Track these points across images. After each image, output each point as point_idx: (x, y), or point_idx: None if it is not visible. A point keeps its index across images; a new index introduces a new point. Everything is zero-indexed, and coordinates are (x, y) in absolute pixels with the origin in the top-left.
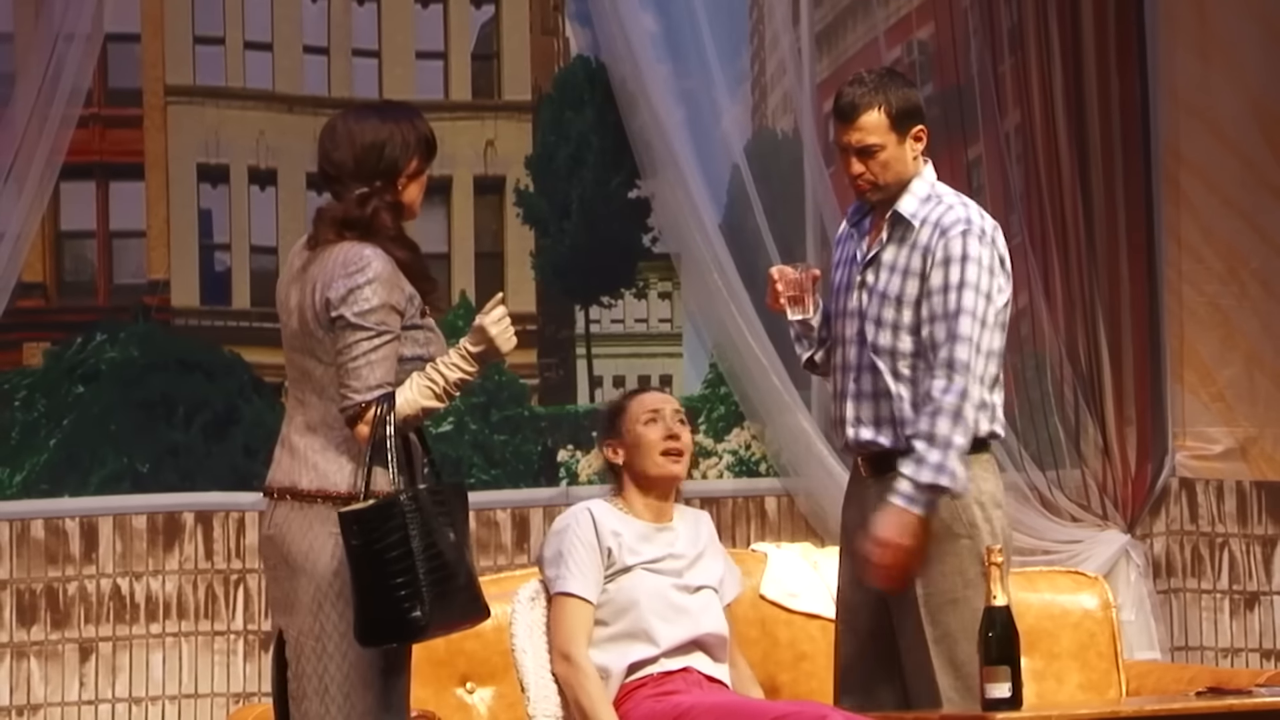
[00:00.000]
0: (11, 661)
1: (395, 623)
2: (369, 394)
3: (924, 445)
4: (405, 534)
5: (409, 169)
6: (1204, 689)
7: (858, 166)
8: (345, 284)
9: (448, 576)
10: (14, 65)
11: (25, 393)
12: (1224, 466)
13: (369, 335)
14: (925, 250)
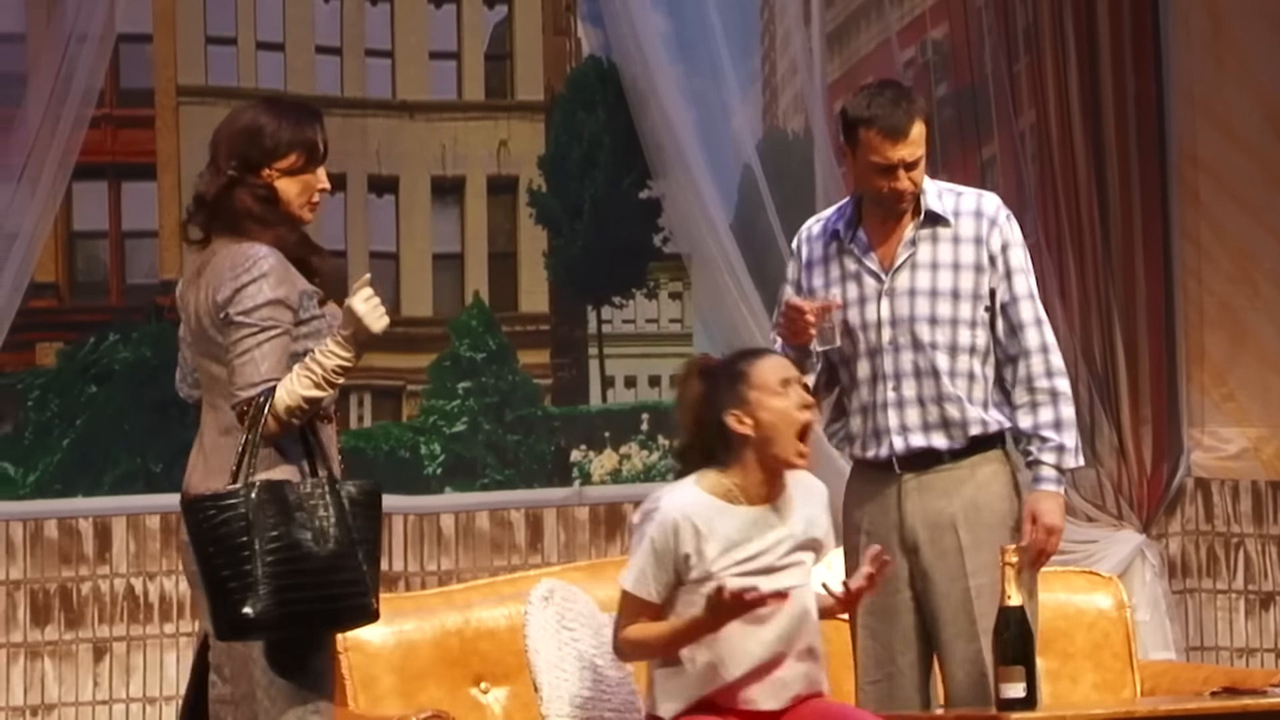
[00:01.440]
0: (26, 661)
1: (228, 614)
2: (251, 390)
3: (1055, 432)
4: (245, 525)
5: (281, 163)
6: (1219, 689)
7: (905, 181)
8: (232, 285)
9: (306, 574)
10: (26, 66)
11: (38, 393)
12: (1239, 466)
13: (253, 331)
14: (975, 239)
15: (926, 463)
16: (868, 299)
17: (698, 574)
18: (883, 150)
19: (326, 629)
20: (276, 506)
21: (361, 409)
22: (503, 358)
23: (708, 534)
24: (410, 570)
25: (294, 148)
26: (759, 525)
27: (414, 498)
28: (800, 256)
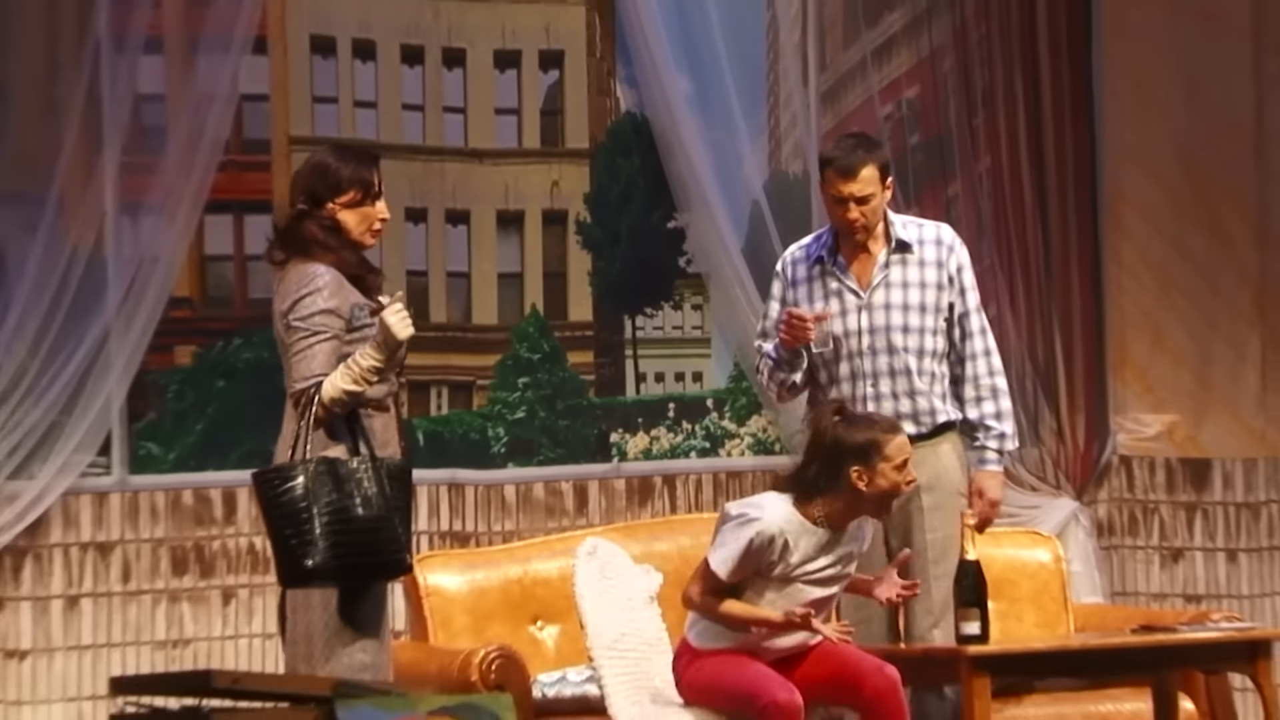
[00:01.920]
0: (168, 604)
1: (293, 566)
2: (304, 383)
3: (996, 421)
4: (305, 494)
5: (342, 198)
6: (1138, 626)
7: (854, 213)
8: (294, 296)
9: (354, 533)
10: (167, 121)
11: (177, 387)
12: (1155, 446)
13: (307, 334)
14: (937, 263)
15: None
16: (848, 312)
17: (777, 574)
18: (836, 185)
19: (370, 579)
20: (330, 478)
21: (440, 399)
22: (555, 358)
23: (793, 547)
24: (480, 531)
25: (353, 185)
26: (829, 546)
27: (482, 472)
28: (786, 277)
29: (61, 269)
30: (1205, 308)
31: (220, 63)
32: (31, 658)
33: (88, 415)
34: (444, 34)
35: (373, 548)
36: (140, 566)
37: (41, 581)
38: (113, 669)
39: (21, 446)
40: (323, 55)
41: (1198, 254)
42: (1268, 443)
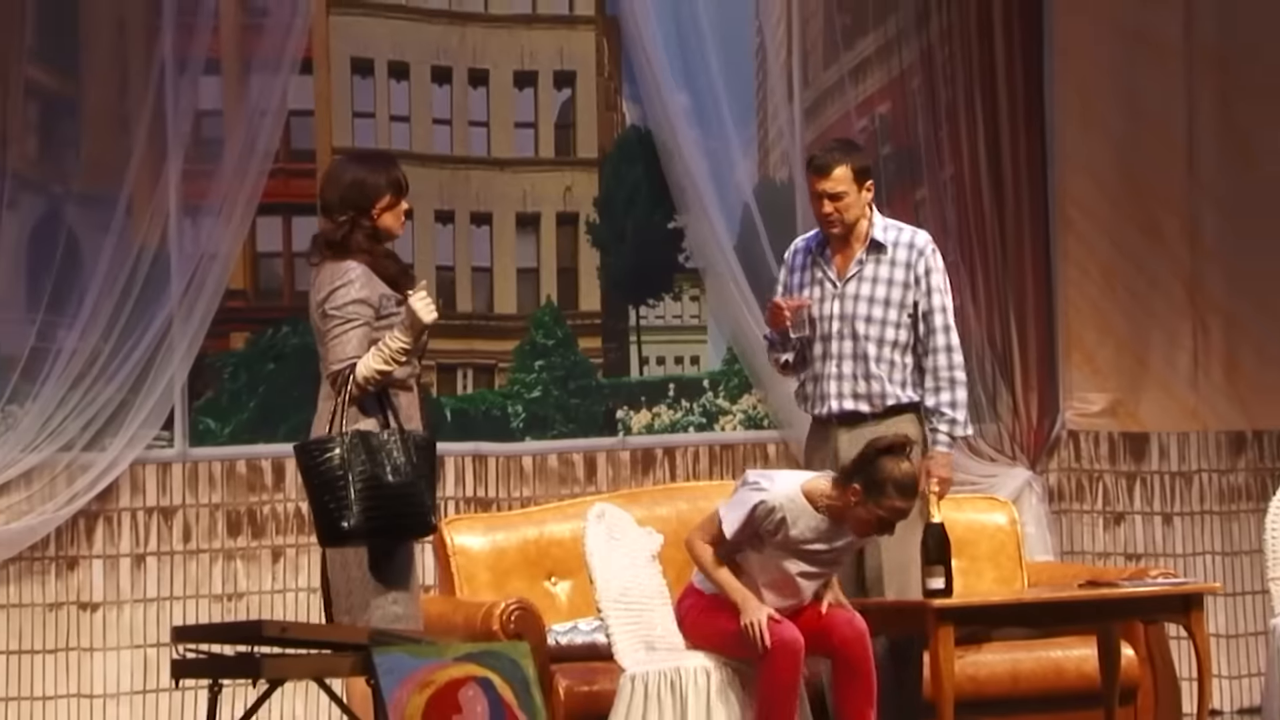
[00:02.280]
0: (223, 562)
1: (332, 527)
2: (340, 364)
3: (950, 409)
4: (341, 463)
5: (381, 203)
6: (1084, 582)
7: (828, 208)
8: (329, 288)
9: (385, 498)
10: (224, 133)
11: (232, 369)
12: (1100, 421)
13: (340, 322)
14: (906, 264)
15: (854, 421)
16: (826, 299)
17: (774, 543)
18: (813, 182)
19: (400, 539)
20: (364, 449)
21: (465, 380)
22: (567, 343)
23: (791, 524)
24: (500, 497)
25: (389, 190)
26: (827, 533)
27: (503, 444)
28: (789, 263)
29: (130, 264)
30: (1143, 298)
31: (271, 82)
32: (102, 609)
33: (153, 394)
34: (470, 56)
35: (402, 510)
36: (199, 528)
37: (111, 542)
38: (174, 620)
39: (94, 422)
40: (362, 75)
41: (1137, 251)
42: (1199, 418)
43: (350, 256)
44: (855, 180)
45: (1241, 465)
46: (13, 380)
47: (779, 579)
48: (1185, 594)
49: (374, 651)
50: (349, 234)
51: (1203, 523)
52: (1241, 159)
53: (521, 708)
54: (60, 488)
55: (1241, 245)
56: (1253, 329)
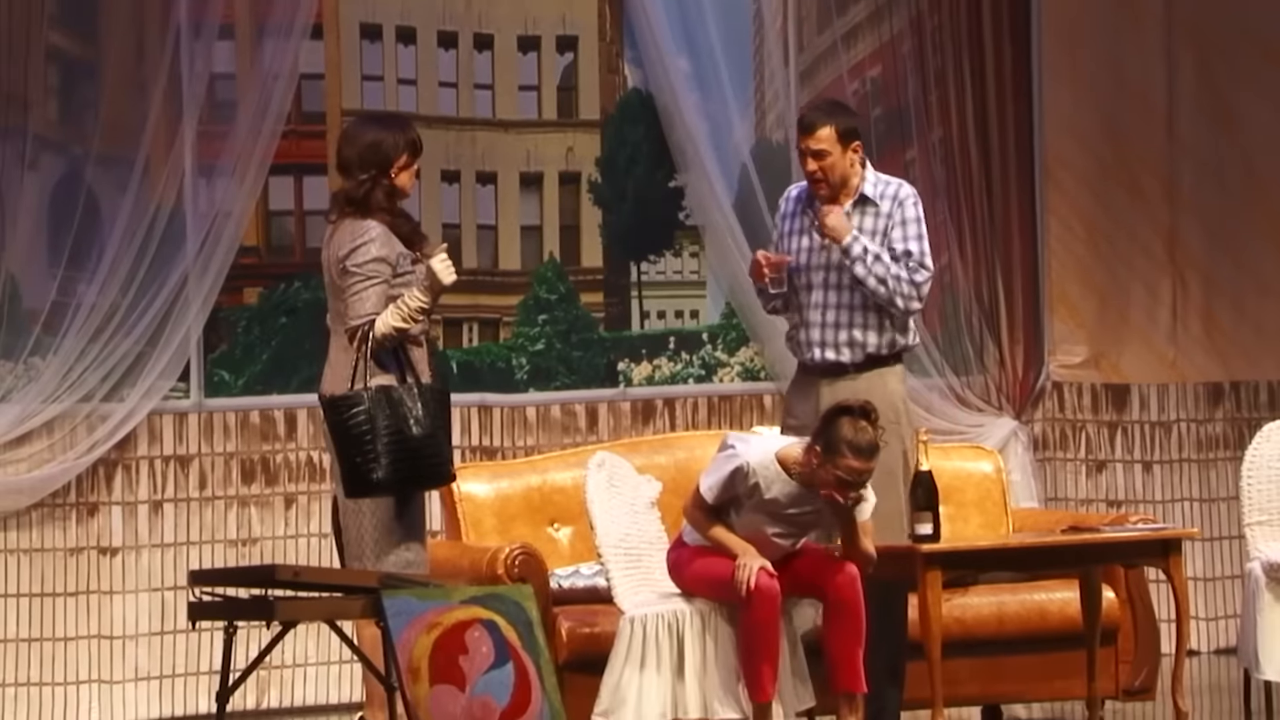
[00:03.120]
0: (238, 509)
1: (360, 480)
2: (360, 320)
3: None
4: (368, 417)
5: (399, 163)
6: (1067, 527)
7: (812, 165)
8: (350, 245)
9: (409, 450)
10: (236, 96)
11: (245, 322)
12: (1082, 373)
13: (360, 279)
14: (888, 215)
15: (836, 373)
16: (814, 249)
17: (749, 505)
18: (799, 140)
19: (423, 488)
20: (387, 404)
21: (471, 334)
22: (570, 298)
23: (765, 488)
24: (505, 445)
25: (404, 149)
26: (799, 498)
27: (508, 395)
28: (781, 210)
29: (147, 221)
30: (1125, 255)
31: (282, 46)
32: (122, 554)
33: (170, 347)
34: (475, 21)
35: (424, 461)
36: (214, 476)
37: (130, 489)
38: (191, 564)
39: (113, 373)
40: (370, 40)
41: (1119, 210)
42: (1178, 370)
43: (370, 214)
44: (840, 140)
45: (1219, 415)
46: (34, 333)
47: (756, 538)
48: (1164, 539)
49: (383, 595)
50: (370, 191)
51: (1181, 471)
52: (1219, 121)
53: (525, 649)
54: (80, 437)
55: (1219, 204)
56: (1229, 285)
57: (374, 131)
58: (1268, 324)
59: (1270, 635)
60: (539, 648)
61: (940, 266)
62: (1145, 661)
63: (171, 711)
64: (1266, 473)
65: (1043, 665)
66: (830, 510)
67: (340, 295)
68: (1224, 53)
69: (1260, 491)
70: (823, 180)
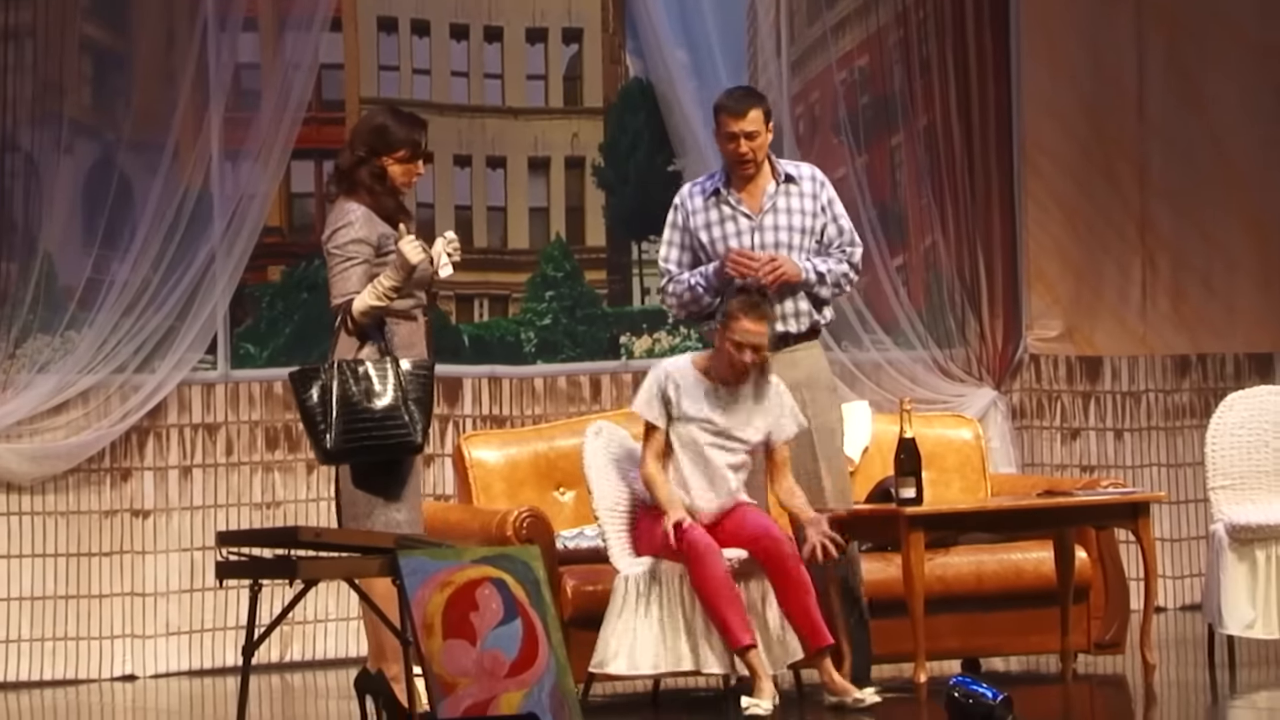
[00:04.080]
0: (262, 473)
1: (317, 448)
2: (340, 299)
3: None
4: (323, 390)
5: (395, 154)
6: (1042, 491)
7: (744, 147)
8: (331, 227)
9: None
10: (261, 84)
11: (269, 298)
12: (1058, 346)
13: (341, 260)
14: (813, 195)
15: (781, 343)
16: (741, 233)
17: (677, 417)
18: (728, 124)
19: (385, 457)
20: (351, 377)
21: (481, 309)
22: (575, 275)
23: (685, 390)
24: (514, 415)
25: (405, 145)
26: (713, 400)
27: (517, 367)
28: (686, 208)
29: (176, 203)
30: (1099, 235)
31: (304, 38)
32: (153, 516)
33: (198, 321)
34: (485, 14)
35: (384, 431)
36: (240, 443)
37: (161, 455)
38: (218, 525)
39: (145, 346)
40: (387, 32)
41: (1094, 192)
42: (1147, 343)
43: (354, 191)
44: (765, 121)
45: (1186, 386)
46: (70, 309)
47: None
48: (1134, 502)
49: (399, 555)
50: (356, 168)
51: (1150, 438)
52: (1188, 106)
53: (532, 605)
54: (114, 406)
55: (1188, 185)
56: (1197, 263)
57: (384, 119)
58: (1234, 299)
59: (1233, 592)
60: (545, 605)
61: (925, 246)
62: (1115, 617)
63: (200, 664)
64: (1230, 440)
65: (1019, 621)
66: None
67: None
68: (1193, 37)
69: (1224, 457)
70: (751, 160)
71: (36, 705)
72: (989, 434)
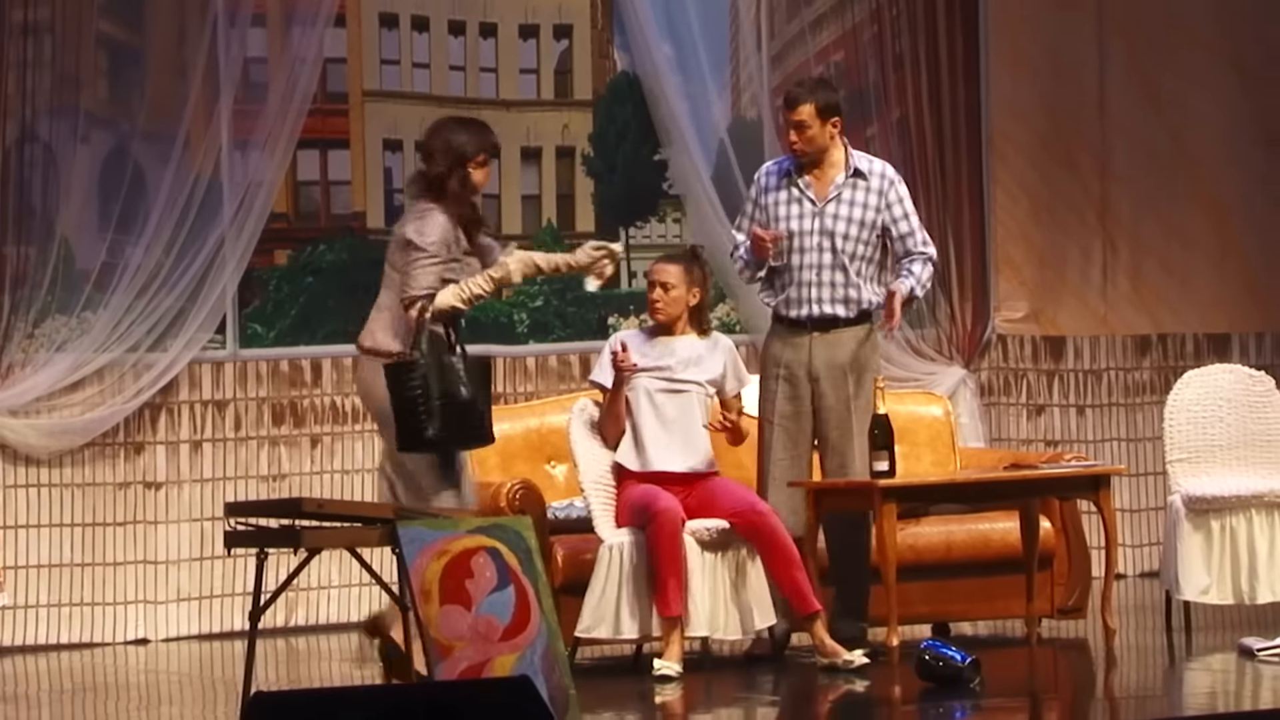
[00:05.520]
0: (268, 448)
1: (414, 437)
2: (417, 293)
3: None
4: (424, 380)
5: (475, 160)
6: (1009, 465)
7: (794, 136)
8: (415, 224)
9: (458, 412)
10: (268, 78)
11: (275, 281)
12: (1024, 327)
13: (422, 255)
14: (880, 191)
15: (829, 325)
16: (804, 216)
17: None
18: (783, 113)
19: (467, 447)
20: (442, 369)
21: None
22: None
23: (631, 347)
24: (508, 392)
25: (483, 150)
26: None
27: (510, 347)
28: (760, 184)
29: (187, 190)
30: (1062, 221)
31: (309, 33)
32: (165, 488)
33: (208, 302)
34: (481, 11)
35: (469, 423)
36: (248, 418)
37: (173, 429)
38: (227, 497)
39: (157, 326)
40: (388, 27)
41: (1057, 181)
42: (1108, 324)
43: (443, 198)
44: (819, 115)
45: (1145, 364)
46: (86, 290)
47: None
48: (1095, 475)
49: (398, 525)
50: (445, 177)
51: (1111, 414)
52: (1145, 101)
53: (525, 573)
54: (128, 383)
55: (1147, 173)
56: (1155, 247)
57: (459, 132)
58: (1192, 280)
59: (1189, 560)
60: (537, 572)
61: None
62: (1077, 584)
63: (209, 628)
64: (1187, 415)
65: (986, 588)
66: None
67: (396, 265)
68: (1151, 39)
69: (1181, 432)
70: (803, 151)
71: (54, 667)
72: (958, 410)
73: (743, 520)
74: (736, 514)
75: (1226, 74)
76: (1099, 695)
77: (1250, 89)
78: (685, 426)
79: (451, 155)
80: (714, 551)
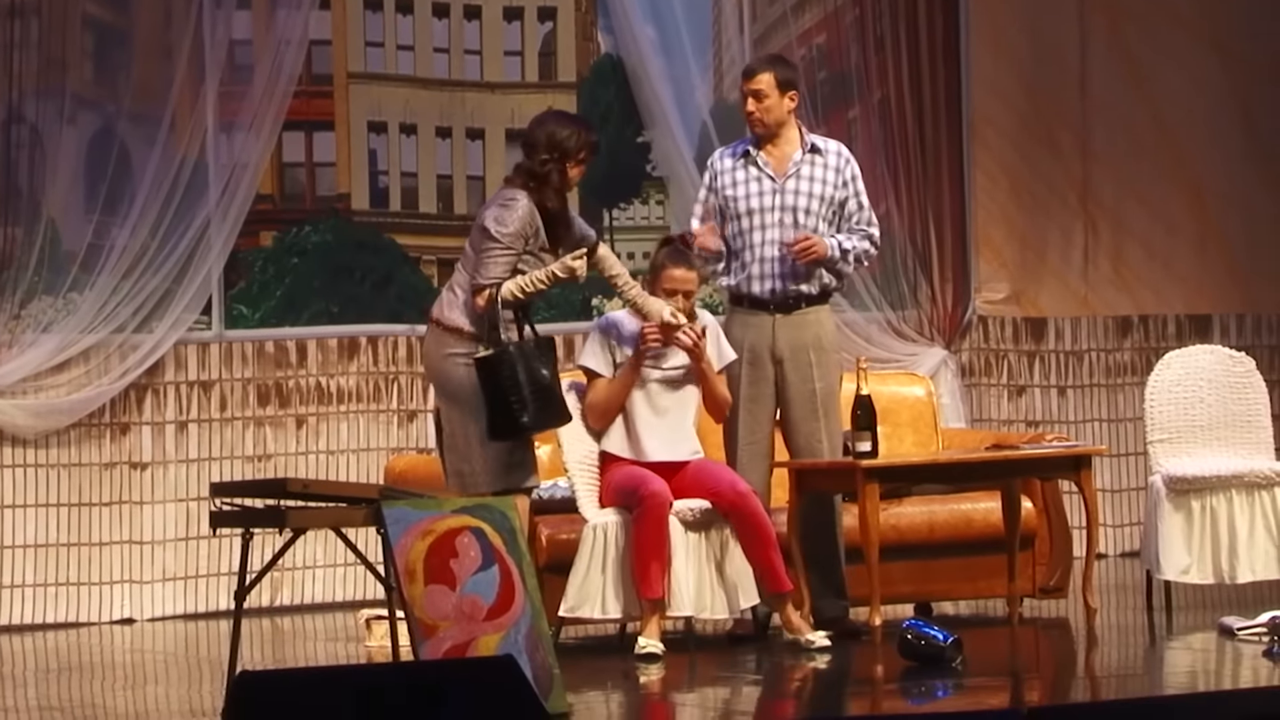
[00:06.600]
0: (254, 428)
1: (512, 425)
2: (487, 280)
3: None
4: (514, 370)
5: (577, 157)
6: (990, 445)
7: (751, 105)
8: (497, 213)
9: (546, 395)
10: (253, 59)
11: (261, 262)
12: (1004, 308)
13: (496, 245)
14: (836, 168)
15: (792, 306)
16: (764, 193)
17: (619, 360)
18: (741, 84)
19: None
20: (526, 357)
21: None
22: None
23: (625, 337)
24: None
25: (585, 148)
26: None
27: None
28: (714, 169)
29: (173, 172)
30: (1043, 202)
31: (294, 16)
32: (150, 468)
33: (194, 284)
34: None
35: (553, 404)
36: (233, 399)
37: (158, 410)
38: (212, 477)
39: (143, 308)
40: (372, 10)
41: (1038, 162)
42: (1089, 305)
43: (542, 189)
44: (777, 86)
45: (1126, 345)
46: (73, 271)
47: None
48: (1076, 455)
49: (383, 505)
50: (549, 171)
51: (1092, 394)
52: (1129, 84)
53: (509, 553)
54: (114, 364)
55: (1128, 154)
56: (1136, 228)
57: (565, 127)
58: (1173, 263)
59: (1169, 540)
60: (521, 552)
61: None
62: (1059, 564)
63: (195, 608)
64: (1167, 396)
65: (968, 567)
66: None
67: (476, 246)
68: (1133, 18)
69: (1161, 413)
70: (760, 121)
71: (40, 646)
72: (940, 391)
73: (723, 500)
74: (717, 494)
75: (1207, 55)
76: (1080, 674)
77: (1231, 70)
78: (678, 418)
79: (554, 149)
80: (697, 531)
